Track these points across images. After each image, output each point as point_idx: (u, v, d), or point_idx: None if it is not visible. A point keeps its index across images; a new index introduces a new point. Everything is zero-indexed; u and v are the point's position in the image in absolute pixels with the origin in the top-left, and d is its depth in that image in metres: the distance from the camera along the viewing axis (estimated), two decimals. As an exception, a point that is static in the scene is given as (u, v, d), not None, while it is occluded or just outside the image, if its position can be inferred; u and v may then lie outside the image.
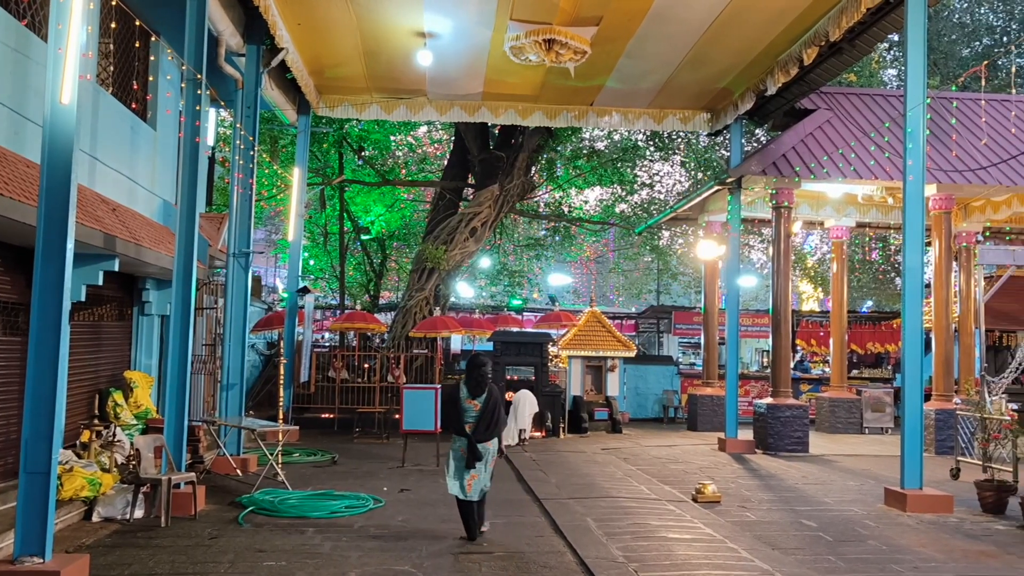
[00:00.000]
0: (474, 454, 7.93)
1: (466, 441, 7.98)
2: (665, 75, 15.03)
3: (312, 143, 20.71)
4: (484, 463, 8.03)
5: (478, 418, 8.02)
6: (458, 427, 8.10)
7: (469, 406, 8.07)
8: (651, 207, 26.49)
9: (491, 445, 8.12)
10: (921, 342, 10.39)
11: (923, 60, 10.27)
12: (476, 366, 8.18)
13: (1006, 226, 19.05)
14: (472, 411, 8.06)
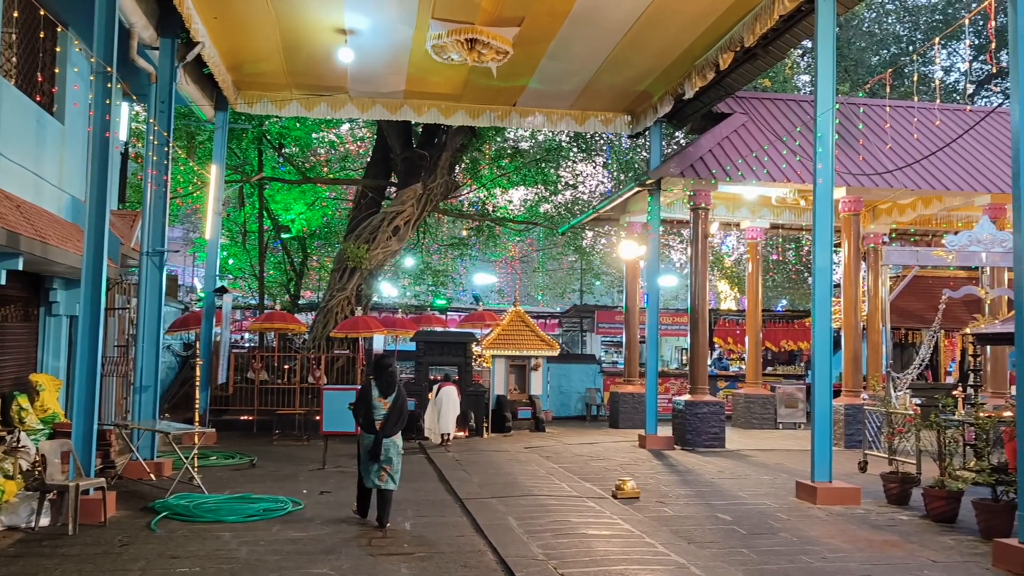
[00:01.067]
0: (380, 449, 8.62)
1: (375, 438, 8.65)
2: (587, 77, 15.20)
3: (230, 140, 20.29)
4: (395, 455, 8.75)
5: (387, 416, 8.72)
6: (369, 425, 8.72)
7: (379, 404, 8.75)
8: (575, 207, 26.74)
9: (397, 439, 8.84)
10: (830, 340, 10.75)
11: (832, 67, 10.63)
12: (384, 367, 8.93)
13: (911, 228, 19.86)
14: (382, 409, 8.74)
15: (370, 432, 8.70)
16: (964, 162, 17.08)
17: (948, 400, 10.52)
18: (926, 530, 9.02)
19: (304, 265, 26.09)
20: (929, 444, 10.81)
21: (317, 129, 24.12)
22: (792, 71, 26.06)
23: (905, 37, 28.22)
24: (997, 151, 17.47)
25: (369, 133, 26.14)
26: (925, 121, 17.18)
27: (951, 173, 16.67)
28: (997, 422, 10.16)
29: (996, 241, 12.68)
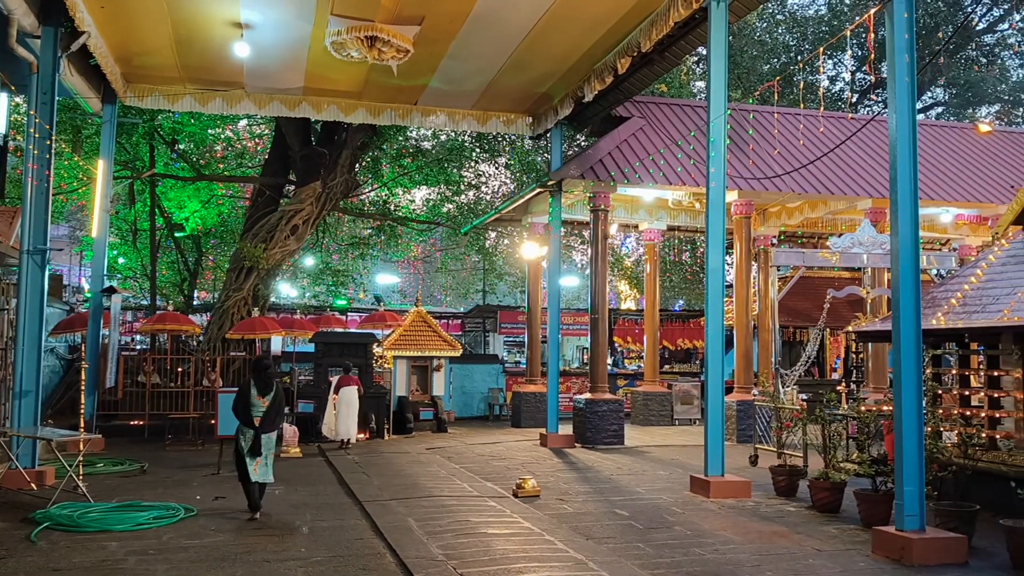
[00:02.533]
0: (259, 444, 9.19)
1: (253, 433, 9.22)
2: (488, 78, 15.26)
3: (120, 134, 19.51)
4: (268, 451, 9.29)
5: (265, 413, 9.33)
6: (248, 421, 9.30)
7: (258, 402, 9.36)
8: (477, 208, 26.77)
9: (273, 435, 9.43)
10: (723, 339, 11.08)
11: (724, 73, 10.97)
12: (262, 368, 9.59)
13: (799, 230, 20.70)
14: (260, 406, 9.35)
15: (249, 427, 9.26)
16: (847, 168, 17.89)
17: (832, 395, 10.99)
18: (812, 520, 9.41)
19: (199, 265, 25.29)
20: (815, 438, 11.26)
21: (213, 125, 23.43)
22: (688, 77, 26.76)
23: (794, 47, 29.37)
24: (878, 157, 18.36)
25: (267, 130, 25.53)
26: (811, 128, 17.90)
27: (835, 178, 17.44)
28: (877, 416, 10.68)
29: (876, 243, 13.33)
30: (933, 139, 20.45)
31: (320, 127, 21.56)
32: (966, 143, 20.63)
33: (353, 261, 28.58)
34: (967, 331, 9.85)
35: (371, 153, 23.43)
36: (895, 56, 8.10)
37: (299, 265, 28.28)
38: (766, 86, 16.46)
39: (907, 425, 7.82)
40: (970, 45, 30.98)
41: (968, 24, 30.10)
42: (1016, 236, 10.62)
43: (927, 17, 27.01)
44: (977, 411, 10.17)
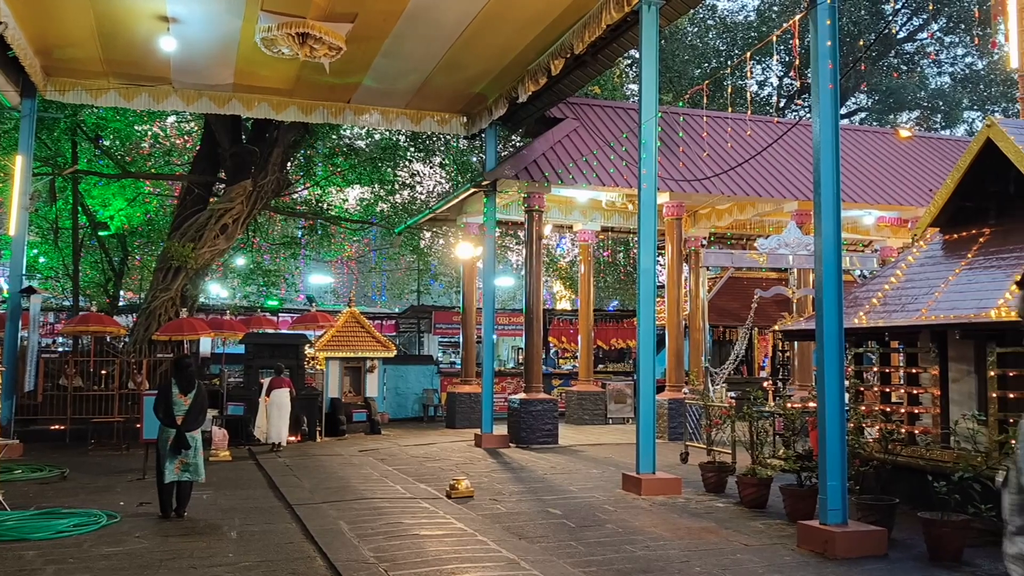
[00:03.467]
0: (182, 442, 9.18)
1: (175, 431, 9.19)
2: (422, 77, 15.19)
3: (40, 129, 18.85)
4: (194, 449, 9.29)
5: (187, 411, 9.32)
6: (170, 420, 9.26)
7: (180, 401, 9.35)
8: (412, 207, 26.61)
9: (197, 434, 9.43)
10: (654, 338, 11.22)
11: (656, 77, 11.11)
12: (183, 367, 9.65)
13: (728, 232, 21.10)
14: (182, 405, 9.34)
15: (171, 427, 9.23)
16: (775, 171, 18.31)
17: (759, 393, 11.23)
18: (740, 516, 9.60)
19: (124, 264, 24.59)
20: (743, 435, 11.49)
21: (140, 121, 22.79)
22: (621, 79, 27.05)
23: (724, 52, 29.94)
24: (803, 161, 18.84)
25: (196, 127, 24.95)
26: (739, 131, 18.27)
27: (763, 181, 17.83)
28: (802, 413, 10.95)
29: (802, 244, 13.67)
30: (856, 144, 21.06)
31: (251, 124, 21.18)
32: (887, 148, 21.31)
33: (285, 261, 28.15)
34: (887, 330, 10.16)
35: (303, 151, 23.12)
36: (819, 62, 8.31)
37: (229, 265, 27.73)
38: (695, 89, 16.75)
39: (830, 422, 8.03)
40: (891, 53, 32.00)
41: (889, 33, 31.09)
42: (933, 238, 11.00)
43: (850, 25, 27.80)
44: (897, 407, 10.50)
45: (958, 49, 31.70)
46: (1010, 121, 10.50)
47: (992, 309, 8.65)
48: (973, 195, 10.42)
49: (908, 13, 31.34)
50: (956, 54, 32.07)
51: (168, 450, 9.18)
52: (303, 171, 24.12)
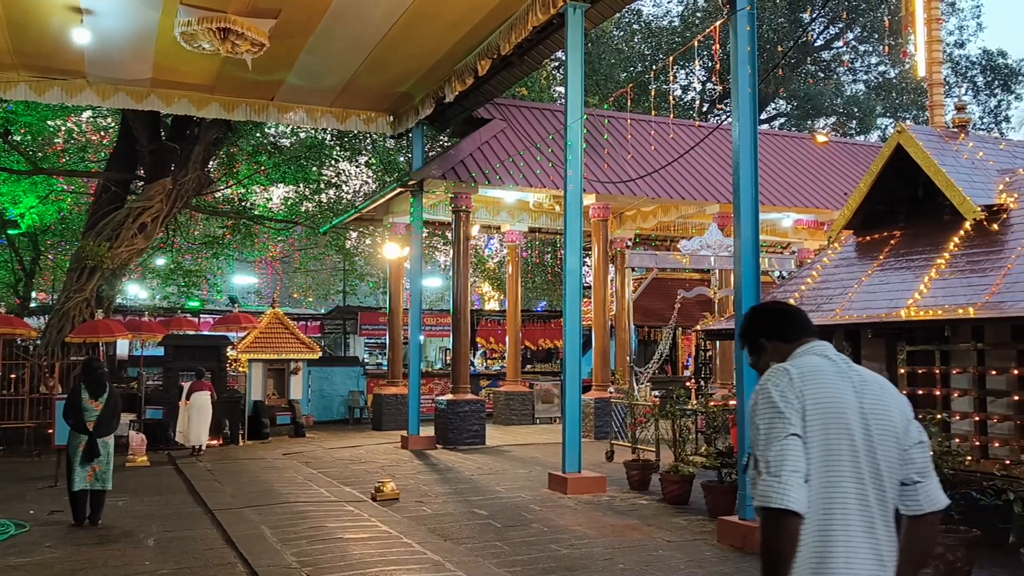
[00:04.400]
0: (94, 448, 8.92)
1: (87, 437, 8.93)
2: (347, 75, 15.01)
3: (-57, 123, 18.03)
4: (106, 456, 9.04)
5: (99, 417, 9.04)
6: (81, 425, 8.97)
7: (91, 406, 9.06)
8: (338, 207, 26.29)
9: (109, 440, 9.19)
10: (580, 338, 11.33)
11: (581, 79, 11.21)
12: (92, 370, 9.30)
13: (653, 233, 21.42)
14: (94, 410, 9.05)
15: (82, 432, 8.95)
16: (698, 174, 18.66)
17: (681, 391, 11.43)
18: (663, 512, 9.76)
19: (36, 264, 23.69)
20: (666, 433, 11.68)
21: (53, 115, 21.96)
22: (548, 81, 27.21)
23: (649, 56, 30.40)
24: (725, 164, 19.25)
25: (113, 122, 24.17)
26: (663, 134, 18.56)
27: (686, 184, 18.16)
28: (723, 410, 11.18)
29: (723, 246, 13.97)
30: (776, 148, 21.61)
31: (171, 121, 20.63)
32: (805, 152, 21.92)
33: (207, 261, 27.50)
34: (804, 329, 10.43)
35: (226, 149, 22.61)
36: (738, 67, 8.51)
37: (148, 265, 26.94)
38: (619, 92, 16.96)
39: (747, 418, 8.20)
40: (809, 60, 32.96)
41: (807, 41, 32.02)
42: (848, 240, 11.36)
43: (770, 32, 28.53)
44: (813, 404, 10.79)
45: (872, 58, 32.84)
46: (919, 128, 10.92)
47: (902, 309, 8.97)
48: (885, 199, 10.79)
49: (825, 22, 32.33)
50: (870, 63, 33.22)
51: (79, 457, 8.91)
52: (226, 169, 23.60)
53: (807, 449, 2.49)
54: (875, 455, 2.55)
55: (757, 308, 3.03)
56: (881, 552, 2.51)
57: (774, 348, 2.84)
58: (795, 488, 2.41)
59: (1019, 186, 9.63)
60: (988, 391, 8.57)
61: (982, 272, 8.73)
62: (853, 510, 2.49)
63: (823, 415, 2.53)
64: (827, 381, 2.60)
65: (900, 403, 2.71)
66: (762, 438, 2.53)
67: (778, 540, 2.41)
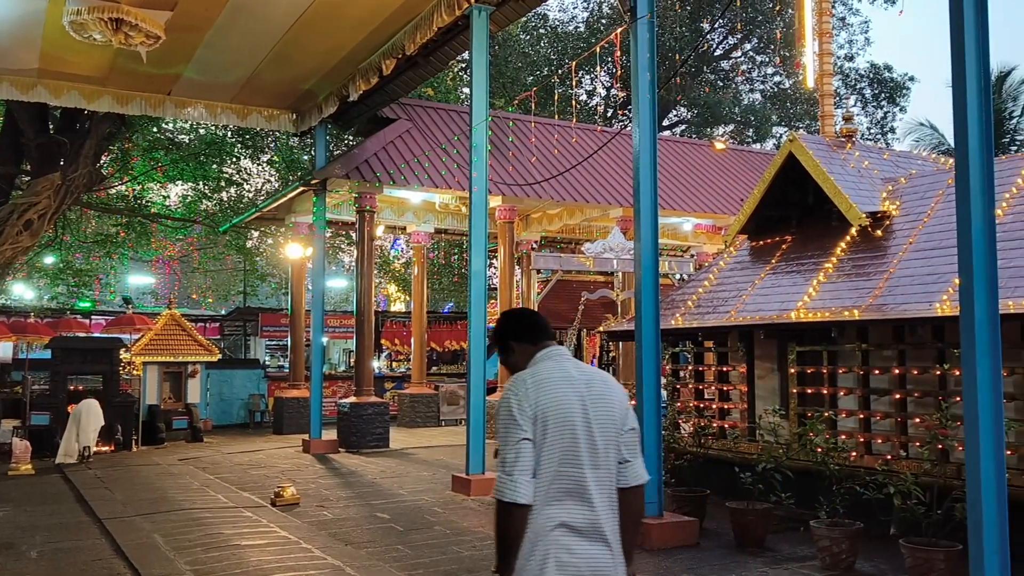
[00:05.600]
0: None
1: None
2: (248, 71, 14.65)
3: None
4: None
5: None
6: None
7: None
8: (238, 205, 25.65)
9: None
10: (485, 339, 11.36)
11: (486, 81, 11.25)
12: None
13: (558, 236, 21.65)
14: None
15: None
16: (601, 178, 18.96)
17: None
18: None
19: (-91, 262, 22.28)
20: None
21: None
22: (455, 82, 27.20)
23: (555, 60, 30.72)
24: (628, 169, 19.61)
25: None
26: (567, 138, 18.78)
27: (590, 187, 18.43)
28: (624, 410, 11.38)
29: (625, 249, 14.23)
30: (677, 154, 22.15)
31: (60, 113, 19.73)
32: (704, 159, 22.54)
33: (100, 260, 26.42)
34: (701, 330, 10.76)
35: (119, 144, 21.76)
36: (638, 74, 8.68)
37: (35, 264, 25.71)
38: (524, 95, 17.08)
39: (647, 419, 8.39)
40: (708, 69, 33.90)
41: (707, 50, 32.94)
42: (743, 244, 11.75)
43: (672, 41, 29.21)
44: (710, 404, 11.13)
45: (768, 68, 34.00)
46: (810, 137, 11.38)
47: (792, 311, 9.33)
48: (777, 205, 11.21)
49: (724, 33, 33.32)
50: (766, 73, 34.39)
51: None
52: (120, 165, 22.72)
53: (540, 445, 2.99)
54: (596, 443, 3.05)
55: (506, 314, 3.49)
56: (601, 526, 3.01)
57: (521, 349, 3.28)
58: (524, 485, 2.93)
59: (901, 194, 10.14)
60: (872, 390, 8.98)
61: (866, 276, 9.15)
62: (573, 493, 2.99)
63: (553, 417, 3.01)
64: (556, 388, 3.07)
65: (620, 396, 3.20)
66: (502, 441, 3.02)
67: (508, 526, 2.95)
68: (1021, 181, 8.85)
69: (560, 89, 20.10)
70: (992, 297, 5.46)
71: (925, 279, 8.40)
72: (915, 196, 9.92)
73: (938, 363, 8.21)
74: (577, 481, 3.00)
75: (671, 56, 26.80)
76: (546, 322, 3.38)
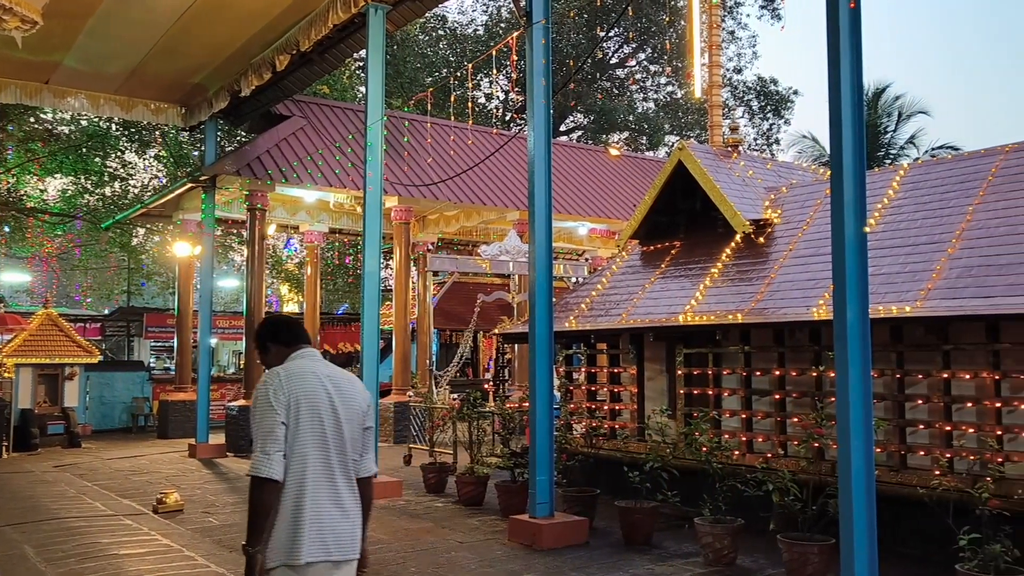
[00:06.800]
0: None
1: None
2: (134, 61, 14.10)
3: None
4: None
5: None
6: None
7: None
8: (123, 201, 24.65)
9: None
10: (378, 341, 11.24)
11: (381, 80, 11.15)
12: None
13: (455, 238, 21.66)
14: None
15: None
16: (499, 181, 19.06)
17: (478, 394, 11.62)
18: (457, 514, 9.86)
19: None
20: (463, 435, 11.83)
21: None
22: (351, 81, 26.87)
23: (455, 63, 30.71)
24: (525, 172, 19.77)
25: None
26: (464, 140, 18.81)
27: (488, 190, 18.50)
28: (519, 412, 11.49)
29: (521, 252, 14.36)
30: (573, 159, 22.48)
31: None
32: (600, 165, 22.95)
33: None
34: (593, 333, 10.94)
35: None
36: (533, 79, 8.77)
37: None
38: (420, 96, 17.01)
39: (539, 420, 8.48)
40: (604, 77, 34.53)
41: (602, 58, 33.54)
42: (634, 249, 12.01)
43: (569, 47, 29.63)
44: (601, 405, 11.33)
45: (661, 79, 34.88)
46: (698, 146, 11.73)
47: (680, 314, 9.60)
48: (667, 211, 11.51)
49: (620, 41, 34.00)
50: (660, 82, 35.27)
51: None
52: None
53: (292, 431, 3.37)
54: (342, 434, 3.48)
55: (266, 319, 3.91)
56: (343, 502, 3.45)
57: (277, 350, 3.68)
58: (276, 463, 3.30)
59: (782, 203, 10.56)
60: (753, 390, 9.32)
61: (749, 281, 9.49)
62: (321, 472, 3.41)
63: (304, 405, 3.41)
64: (307, 381, 3.47)
65: (362, 396, 3.64)
66: (257, 425, 3.37)
67: (261, 501, 3.30)
68: (892, 192, 9.36)
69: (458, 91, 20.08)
70: (863, 302, 5.74)
71: (804, 284, 8.78)
72: (795, 205, 10.36)
73: (815, 365, 8.59)
74: (325, 463, 3.41)
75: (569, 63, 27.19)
76: (301, 328, 3.81)
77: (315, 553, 3.33)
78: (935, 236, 8.25)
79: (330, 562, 3.39)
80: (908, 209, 8.95)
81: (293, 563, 3.30)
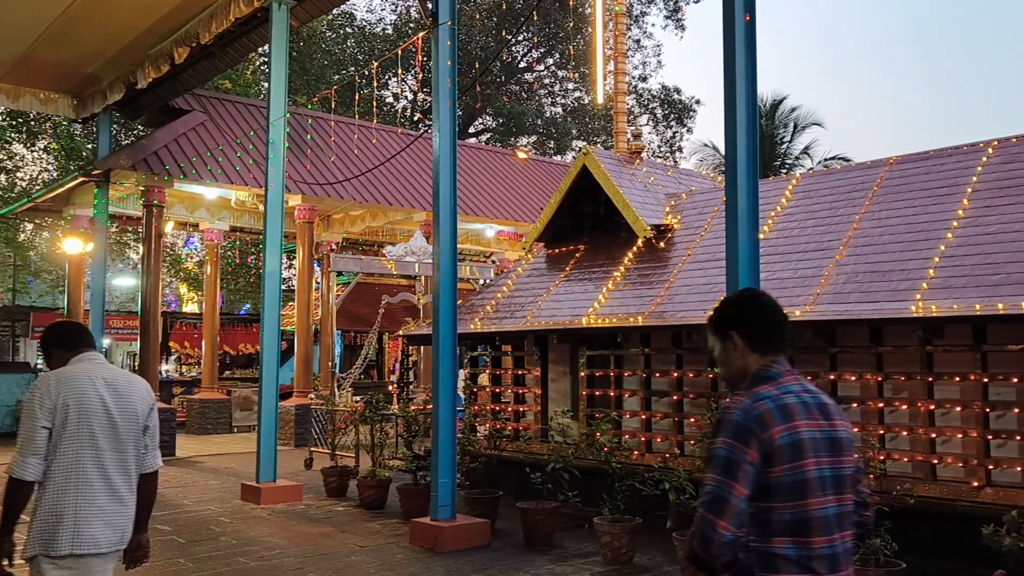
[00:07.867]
0: None
1: None
2: (21, 48, 13.43)
3: None
4: None
5: None
6: None
7: None
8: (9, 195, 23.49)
9: None
10: (278, 342, 11.04)
11: (284, 76, 10.95)
12: None
13: (361, 238, 21.40)
14: None
15: None
16: (406, 181, 18.94)
17: (381, 396, 11.51)
18: (358, 518, 9.74)
19: None
20: (366, 438, 11.70)
21: None
22: (254, 76, 26.27)
23: (362, 61, 30.37)
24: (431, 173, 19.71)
25: None
26: (368, 139, 18.62)
27: (394, 190, 18.36)
28: (423, 414, 11.42)
29: (427, 252, 14.29)
30: (481, 161, 22.52)
31: None
32: (508, 168, 23.06)
33: None
34: (499, 335, 10.99)
35: None
36: (440, 80, 8.75)
37: None
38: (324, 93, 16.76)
39: (442, 422, 8.46)
40: (513, 81, 34.73)
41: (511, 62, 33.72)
42: (540, 252, 12.12)
43: (478, 51, 29.68)
44: (505, 406, 11.38)
45: (569, 84, 35.28)
46: (603, 151, 11.93)
47: (584, 317, 9.73)
48: (572, 215, 11.66)
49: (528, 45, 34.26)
50: (567, 88, 35.68)
51: None
52: None
53: (60, 432, 3.61)
54: (118, 432, 3.73)
55: (52, 324, 4.11)
56: (120, 497, 3.73)
57: (60, 354, 3.86)
58: (33, 466, 3.57)
59: (683, 209, 10.83)
60: (653, 392, 9.52)
61: (650, 285, 9.69)
62: (92, 470, 3.65)
63: (73, 407, 3.64)
64: (78, 383, 3.70)
65: (142, 397, 3.87)
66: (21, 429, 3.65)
67: (15, 499, 3.57)
68: (785, 201, 9.71)
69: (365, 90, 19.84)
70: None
71: (701, 288, 9.02)
72: (695, 211, 10.64)
73: (711, 367, 8.83)
74: (96, 460, 3.66)
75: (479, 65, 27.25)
76: (86, 333, 4.03)
77: (79, 545, 3.58)
78: (824, 243, 8.60)
79: (99, 555, 3.65)
80: (800, 217, 9.31)
81: (52, 554, 3.55)
